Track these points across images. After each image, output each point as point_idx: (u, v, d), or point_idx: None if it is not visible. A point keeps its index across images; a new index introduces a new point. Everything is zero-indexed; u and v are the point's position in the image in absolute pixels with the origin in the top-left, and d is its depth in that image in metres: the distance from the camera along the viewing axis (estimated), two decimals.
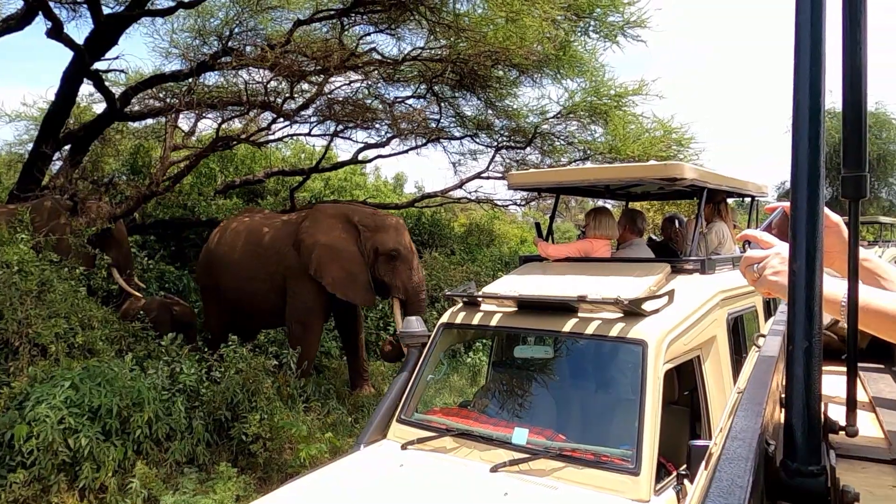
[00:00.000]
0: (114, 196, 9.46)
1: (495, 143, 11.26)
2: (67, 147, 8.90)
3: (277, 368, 6.09)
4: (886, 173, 21.85)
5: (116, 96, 8.20)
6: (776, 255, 1.19)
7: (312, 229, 6.73)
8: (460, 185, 11.69)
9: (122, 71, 9.06)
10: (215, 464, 4.93)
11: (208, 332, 7.80)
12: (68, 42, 7.13)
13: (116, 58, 8.09)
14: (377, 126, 11.00)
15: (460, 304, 3.55)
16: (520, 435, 2.84)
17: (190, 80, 8.52)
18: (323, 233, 6.69)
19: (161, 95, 10.02)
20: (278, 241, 6.97)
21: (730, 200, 5.13)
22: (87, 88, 9.37)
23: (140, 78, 9.20)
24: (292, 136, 12.32)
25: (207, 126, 11.63)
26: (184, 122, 10.52)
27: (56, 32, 6.95)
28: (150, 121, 11.01)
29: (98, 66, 7.83)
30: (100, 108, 10.12)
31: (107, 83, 8.20)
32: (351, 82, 9.88)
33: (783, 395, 0.95)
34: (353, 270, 6.68)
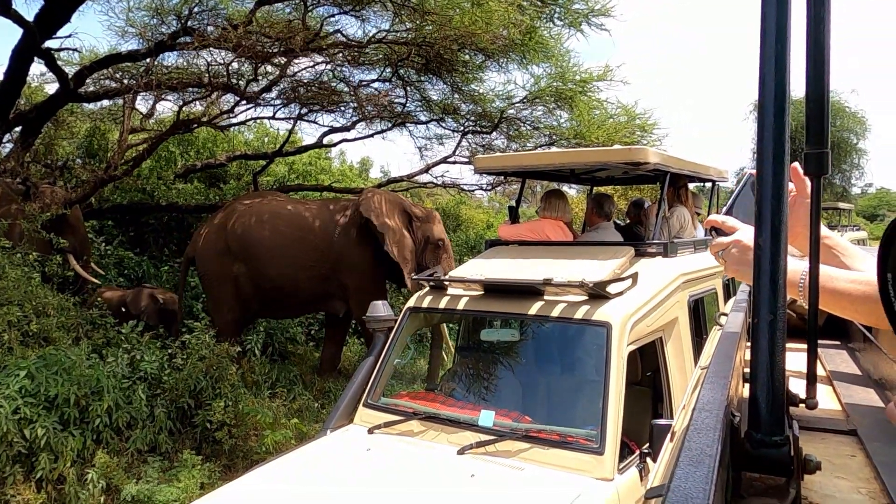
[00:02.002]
0: (69, 180, 9.17)
1: (461, 128, 11.22)
2: (18, 129, 8.57)
3: (241, 355, 6.00)
4: (840, 160, 22.53)
5: (70, 76, 7.90)
6: (736, 242, 1.22)
7: (379, 210, 6.91)
8: (426, 170, 11.65)
9: (75, 50, 8.73)
10: (179, 452, 4.87)
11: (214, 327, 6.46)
12: (17, 19, 6.82)
13: (69, 36, 7.77)
14: (342, 109, 10.85)
15: (427, 289, 3.54)
16: (486, 417, 2.86)
17: (148, 60, 8.26)
18: (388, 216, 6.94)
19: (117, 76, 9.68)
20: (329, 228, 6.99)
21: (691, 186, 5.21)
22: (38, 68, 9.02)
23: (95, 57, 8.87)
24: (256, 119, 12.09)
25: (166, 108, 11.33)
26: (141, 104, 10.23)
27: (4, 8, 6.65)
28: (106, 102, 10.63)
29: (50, 44, 7.51)
30: (52, 88, 9.74)
31: (59, 62, 7.89)
32: (315, 65, 9.71)
33: (746, 371, 0.97)
34: (407, 256, 6.97)
